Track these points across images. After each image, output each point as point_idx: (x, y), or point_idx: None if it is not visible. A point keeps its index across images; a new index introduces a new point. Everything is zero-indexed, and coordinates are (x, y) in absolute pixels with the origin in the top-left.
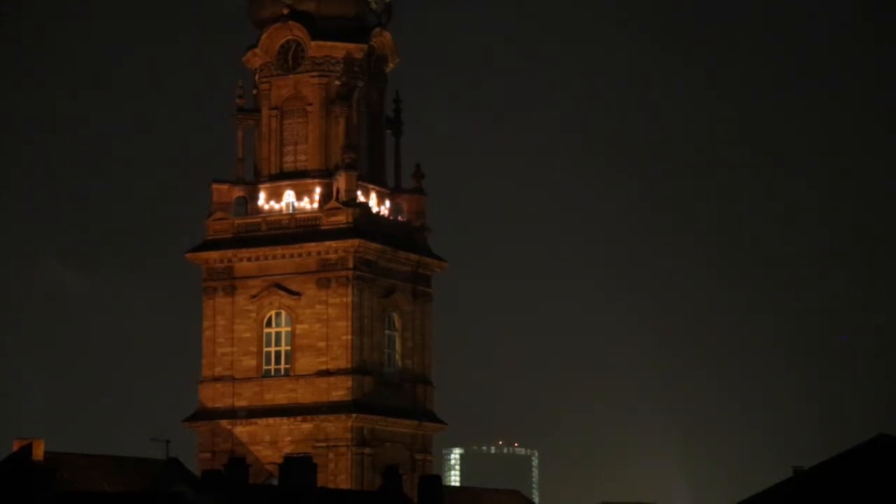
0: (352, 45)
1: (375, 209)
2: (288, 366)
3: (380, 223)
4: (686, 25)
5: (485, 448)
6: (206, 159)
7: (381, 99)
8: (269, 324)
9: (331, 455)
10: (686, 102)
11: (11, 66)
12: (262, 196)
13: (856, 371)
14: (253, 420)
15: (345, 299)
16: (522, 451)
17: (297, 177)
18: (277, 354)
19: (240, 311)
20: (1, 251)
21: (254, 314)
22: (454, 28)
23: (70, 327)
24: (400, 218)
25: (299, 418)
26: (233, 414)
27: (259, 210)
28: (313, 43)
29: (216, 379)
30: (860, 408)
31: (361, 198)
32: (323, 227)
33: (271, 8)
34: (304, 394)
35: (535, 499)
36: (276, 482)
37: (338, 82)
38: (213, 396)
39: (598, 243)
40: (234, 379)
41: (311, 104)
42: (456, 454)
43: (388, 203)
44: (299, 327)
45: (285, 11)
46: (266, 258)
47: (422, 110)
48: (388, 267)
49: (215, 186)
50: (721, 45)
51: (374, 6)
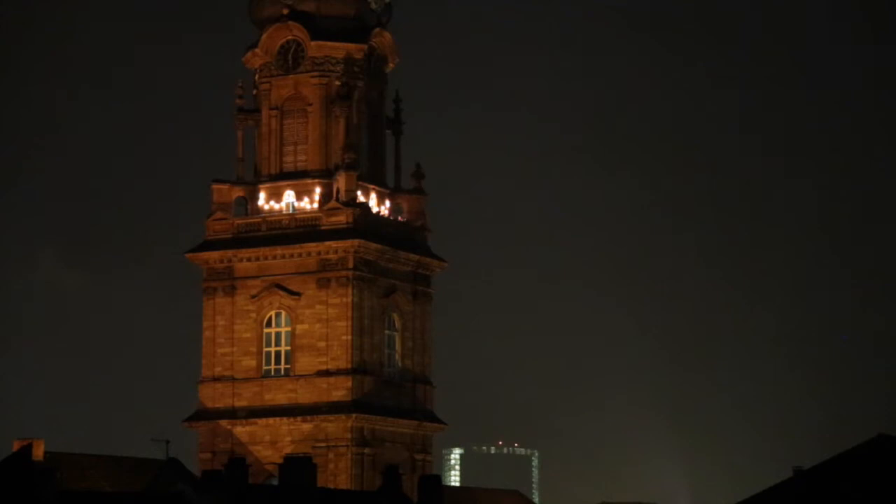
0: (352, 45)
1: (375, 209)
2: (288, 366)
3: (380, 223)
4: (686, 25)
5: (485, 448)
6: (206, 159)
7: (381, 99)
8: (269, 324)
9: (331, 455)
10: (686, 102)
11: (11, 66)
12: (262, 196)
13: (856, 371)
14: (253, 420)
15: (345, 299)
16: (522, 451)
17: (297, 177)
18: (277, 354)
19: (240, 312)
20: (1, 251)
21: (254, 314)
22: (454, 28)
23: (70, 327)
24: (400, 218)
25: (299, 418)
26: (233, 414)
27: (259, 210)
28: (313, 43)
29: (216, 379)
30: (860, 408)
31: (361, 198)
32: (323, 227)
33: (271, 8)
34: (304, 394)
35: (535, 499)
36: (276, 482)
37: (338, 82)
38: (213, 396)
39: (598, 243)
40: (234, 379)
41: (311, 104)
42: (456, 454)
43: (388, 203)
44: (299, 327)
45: (285, 11)
46: (266, 258)
47: (422, 110)
48: (388, 267)
49: (215, 186)
50: (721, 45)
51: (374, 6)
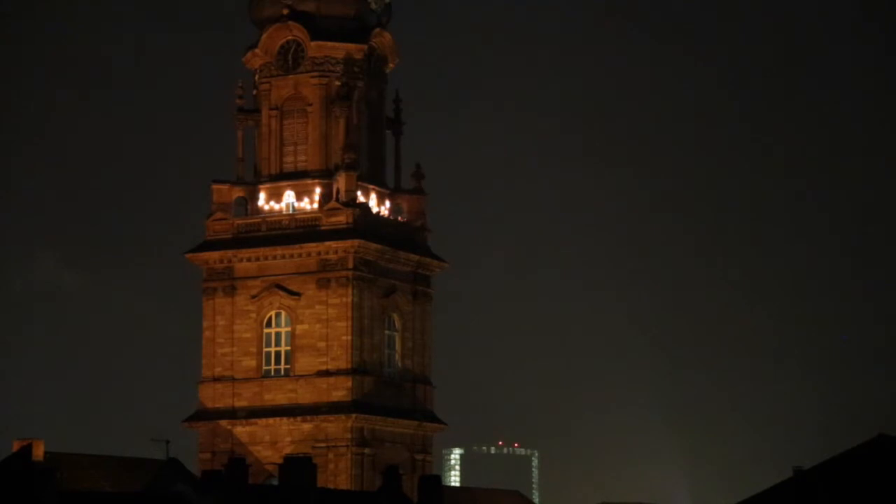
0: (352, 46)
1: (375, 209)
2: (288, 366)
3: (380, 223)
4: (687, 25)
5: (485, 448)
6: (206, 159)
7: (381, 99)
8: (269, 324)
9: (331, 455)
10: (686, 102)
11: (11, 66)
12: (262, 196)
13: (856, 371)
14: (253, 420)
15: (345, 299)
16: (522, 451)
17: (297, 177)
18: (277, 355)
19: (240, 312)
20: (1, 251)
21: (254, 314)
22: (454, 28)
23: (70, 327)
24: (400, 218)
25: (299, 418)
26: (233, 414)
27: (259, 210)
28: (313, 43)
29: (216, 379)
30: (860, 408)
31: (361, 198)
32: (323, 228)
33: (271, 8)
34: (304, 394)
35: (535, 499)
36: (276, 482)
37: (338, 82)
38: (213, 396)
39: (598, 243)
40: (234, 379)
41: (311, 104)
42: (456, 454)
43: (388, 203)
44: (299, 327)
45: (285, 12)
46: (266, 258)
47: (422, 110)
48: (388, 267)
49: (215, 186)
50: (722, 45)
51: (374, 6)
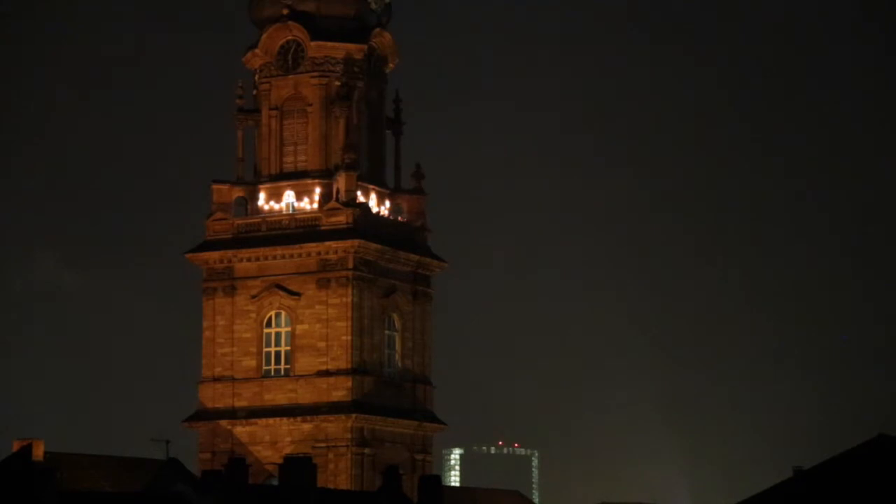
0: (352, 46)
1: (375, 209)
2: (288, 366)
3: (380, 223)
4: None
5: (485, 448)
6: (206, 159)
7: (381, 99)
8: (269, 324)
9: (331, 455)
10: (686, 102)
11: (11, 66)
12: (262, 196)
13: (856, 371)
14: (253, 420)
15: (345, 299)
16: (522, 451)
17: (297, 177)
18: (277, 355)
19: (240, 312)
20: (1, 251)
21: (254, 314)
22: (454, 28)
23: (70, 327)
24: (400, 218)
25: (299, 418)
26: (233, 414)
27: (259, 210)
28: (313, 43)
29: (216, 379)
30: (860, 408)
31: (361, 198)
32: (323, 228)
33: (271, 8)
34: (304, 394)
35: (535, 499)
36: (276, 482)
37: (338, 82)
38: (213, 396)
39: (598, 244)
40: (234, 379)
41: (311, 104)
42: (456, 454)
43: (388, 203)
44: (299, 327)
45: (285, 12)
46: (266, 258)
47: (422, 110)
48: (388, 267)
49: (215, 186)
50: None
51: (374, 6)
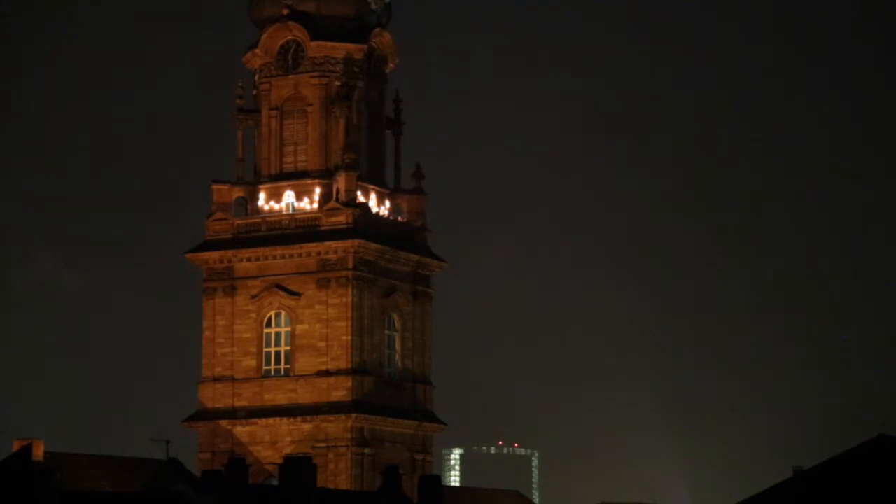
0: (352, 46)
1: (375, 209)
2: (288, 366)
3: (380, 223)
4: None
5: (485, 448)
6: (206, 159)
7: (381, 99)
8: (268, 324)
9: (331, 455)
10: (686, 102)
11: (11, 66)
12: (262, 196)
13: (856, 371)
14: (253, 420)
15: (345, 299)
16: (522, 451)
17: (297, 177)
18: (277, 355)
19: (240, 312)
20: (1, 251)
21: (254, 314)
22: (454, 28)
23: (70, 327)
24: (400, 218)
25: (299, 418)
26: (233, 414)
27: (259, 210)
28: (313, 43)
29: (216, 379)
30: (860, 408)
31: (361, 198)
32: (323, 228)
33: (271, 8)
34: (304, 394)
35: (535, 499)
36: (276, 482)
37: (338, 82)
38: (213, 396)
39: (598, 244)
40: (234, 379)
41: (311, 104)
42: (456, 454)
43: (388, 203)
44: (299, 327)
45: (285, 12)
46: (266, 258)
47: (422, 110)
48: (388, 267)
49: (215, 186)
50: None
51: (374, 6)
